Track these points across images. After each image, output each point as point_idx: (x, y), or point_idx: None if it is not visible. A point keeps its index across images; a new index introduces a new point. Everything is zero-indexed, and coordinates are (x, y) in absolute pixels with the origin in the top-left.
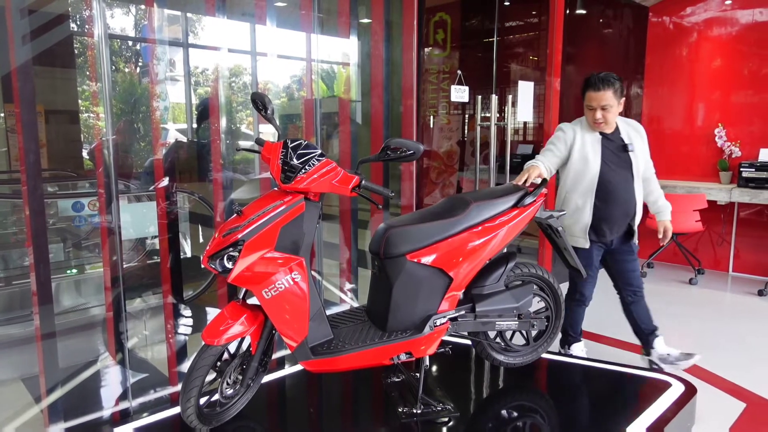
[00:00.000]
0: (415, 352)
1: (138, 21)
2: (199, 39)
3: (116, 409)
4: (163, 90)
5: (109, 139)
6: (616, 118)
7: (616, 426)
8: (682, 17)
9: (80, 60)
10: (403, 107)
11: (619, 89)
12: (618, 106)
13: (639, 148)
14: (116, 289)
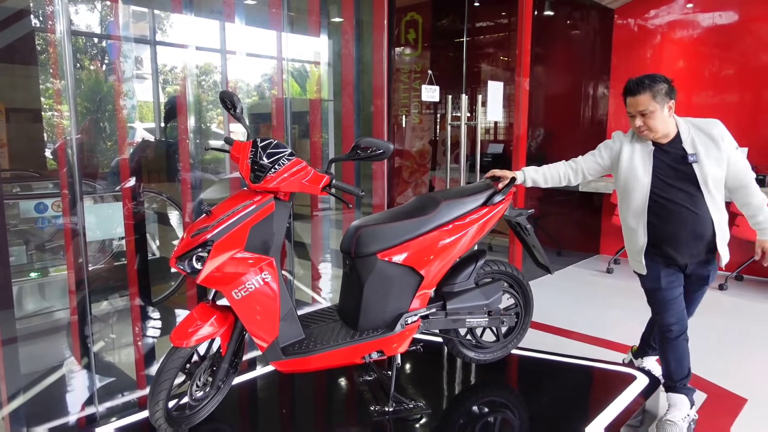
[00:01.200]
0: (387, 351)
1: (104, 18)
2: (167, 36)
3: (82, 415)
4: (129, 88)
5: (74, 138)
6: (665, 125)
7: (585, 418)
8: (646, 20)
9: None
10: (374, 107)
11: (661, 91)
12: (663, 110)
13: (711, 156)
14: (81, 292)
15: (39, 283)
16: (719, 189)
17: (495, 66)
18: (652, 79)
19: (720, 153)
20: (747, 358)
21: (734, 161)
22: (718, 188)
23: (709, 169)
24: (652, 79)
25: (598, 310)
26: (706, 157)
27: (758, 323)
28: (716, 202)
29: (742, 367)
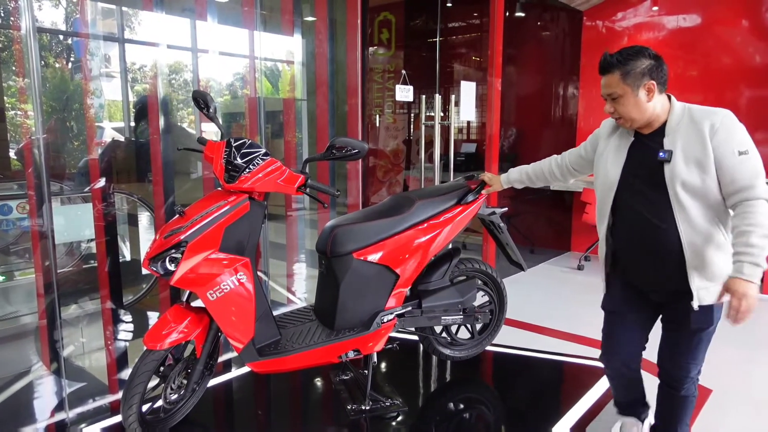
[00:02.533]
0: (363, 350)
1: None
2: (136, 34)
3: (52, 421)
4: (97, 87)
5: (40, 138)
6: (641, 112)
7: (558, 411)
8: (614, 21)
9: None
10: (348, 106)
11: (634, 70)
12: (637, 93)
13: (690, 155)
14: (50, 296)
15: (3, 287)
16: (697, 200)
17: (468, 66)
18: (626, 54)
19: (704, 152)
20: (711, 350)
21: (728, 165)
22: (694, 198)
23: (682, 171)
24: (625, 55)
25: (570, 307)
26: (682, 157)
27: (722, 319)
28: (689, 217)
29: (707, 360)
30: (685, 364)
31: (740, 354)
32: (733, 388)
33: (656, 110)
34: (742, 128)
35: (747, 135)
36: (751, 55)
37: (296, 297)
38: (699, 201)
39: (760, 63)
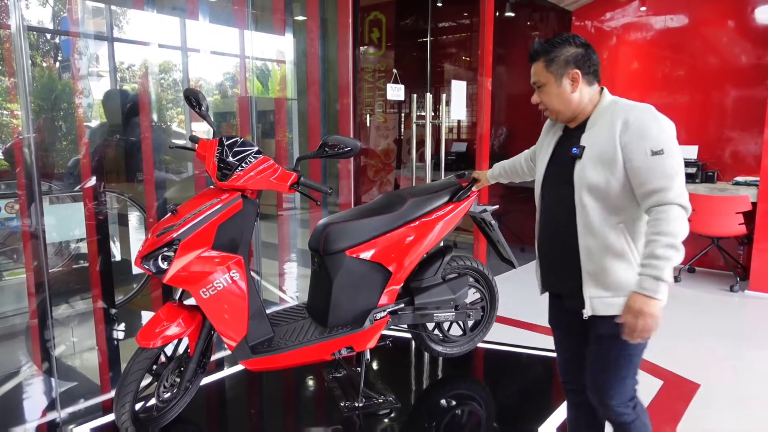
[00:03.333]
0: (356, 347)
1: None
2: (124, 33)
3: (43, 421)
4: (86, 86)
5: (31, 137)
6: (565, 103)
7: (547, 406)
8: (603, 22)
9: None
10: (339, 105)
11: (559, 58)
12: (560, 83)
13: (597, 153)
14: (41, 296)
15: None
16: (599, 201)
17: (458, 66)
18: (552, 42)
19: (612, 150)
20: (699, 345)
21: (637, 166)
22: (596, 199)
23: (588, 169)
24: (551, 42)
25: None
26: (591, 154)
27: (709, 313)
28: (588, 219)
29: (695, 355)
30: (602, 383)
31: (727, 349)
32: (721, 383)
33: (582, 102)
34: (662, 125)
35: (667, 133)
36: (737, 55)
37: (288, 295)
38: (601, 203)
39: (746, 63)
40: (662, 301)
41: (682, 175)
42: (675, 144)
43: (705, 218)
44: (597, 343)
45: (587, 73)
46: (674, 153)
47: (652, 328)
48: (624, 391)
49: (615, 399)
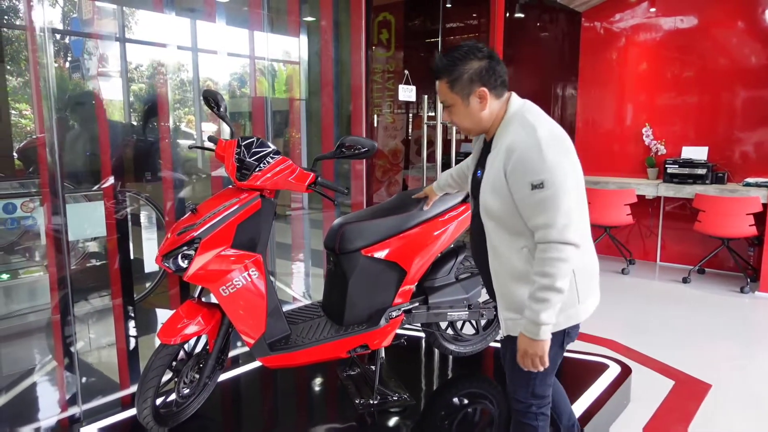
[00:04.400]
0: (371, 345)
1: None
2: (134, 34)
3: (65, 415)
4: (95, 86)
5: (54, 136)
6: (474, 121)
7: None
8: (612, 23)
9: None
10: (352, 106)
11: (462, 77)
12: (467, 103)
13: (492, 176)
14: (63, 292)
15: (6, 286)
16: (498, 224)
17: None
18: (452, 57)
19: (502, 179)
20: (710, 346)
21: (519, 198)
22: (495, 222)
23: (486, 195)
24: (451, 58)
25: None
26: (487, 179)
27: (719, 314)
28: (494, 244)
29: (706, 355)
30: (509, 381)
31: (737, 350)
32: (732, 383)
33: (492, 116)
34: (544, 154)
35: (549, 162)
36: (747, 56)
37: (299, 294)
38: (502, 227)
39: (756, 64)
40: (545, 340)
41: (566, 209)
42: (560, 173)
43: (715, 219)
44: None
45: (494, 87)
46: (556, 184)
47: (538, 365)
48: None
49: (518, 399)
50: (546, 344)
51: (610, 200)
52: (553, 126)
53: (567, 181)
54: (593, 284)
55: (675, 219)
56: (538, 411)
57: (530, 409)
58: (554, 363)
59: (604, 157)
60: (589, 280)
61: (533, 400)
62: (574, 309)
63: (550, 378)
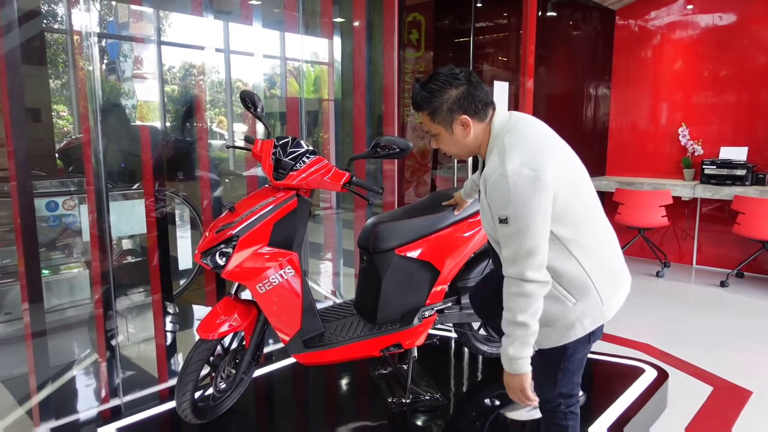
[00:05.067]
0: (404, 344)
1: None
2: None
3: (106, 407)
4: (130, 88)
5: (99, 137)
6: (461, 147)
7: (594, 410)
8: (647, 21)
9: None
10: (384, 106)
11: (441, 108)
12: (451, 131)
13: (484, 203)
14: (105, 286)
15: (47, 281)
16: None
17: (498, 66)
18: (430, 89)
19: (486, 202)
20: (750, 352)
21: (492, 228)
22: (497, 244)
23: (481, 216)
24: (429, 90)
25: None
26: (481, 200)
27: (759, 318)
28: (498, 260)
29: (746, 361)
30: (535, 381)
31: None
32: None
33: (479, 140)
34: (508, 187)
35: (513, 196)
36: None
37: (331, 293)
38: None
39: None
40: (523, 374)
41: (528, 247)
42: (523, 210)
43: (755, 222)
44: None
45: (476, 113)
46: (519, 221)
47: (523, 399)
48: (557, 395)
49: (544, 394)
50: (525, 378)
51: (645, 201)
52: (528, 155)
53: (531, 218)
54: (616, 282)
55: (712, 221)
56: (567, 410)
57: (558, 408)
58: (581, 362)
59: (638, 158)
60: (609, 283)
61: (561, 399)
62: (599, 311)
63: (577, 377)
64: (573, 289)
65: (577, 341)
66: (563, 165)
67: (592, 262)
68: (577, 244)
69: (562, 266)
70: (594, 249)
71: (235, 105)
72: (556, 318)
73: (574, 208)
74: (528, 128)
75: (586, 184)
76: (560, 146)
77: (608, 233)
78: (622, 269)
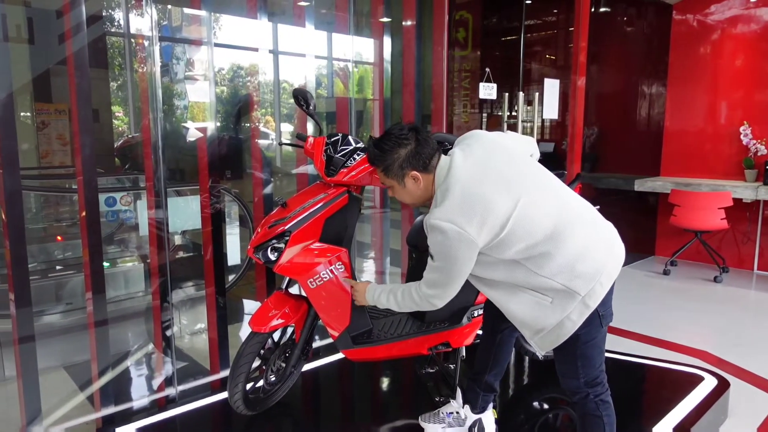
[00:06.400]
0: (453, 343)
1: (158, 21)
2: (217, 38)
3: (161, 395)
4: (182, 89)
5: (159, 137)
6: (415, 197)
7: (650, 418)
8: (706, 15)
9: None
10: (433, 105)
11: (394, 164)
12: (404, 184)
13: None
14: (162, 279)
15: (105, 274)
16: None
17: (548, 64)
18: (380, 148)
19: None
20: None
21: None
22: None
23: None
24: (381, 150)
25: (656, 311)
26: None
27: None
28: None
29: None
30: (559, 374)
31: None
32: None
33: (429, 189)
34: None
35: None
36: None
37: None
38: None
39: None
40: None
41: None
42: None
43: None
44: None
45: (424, 167)
46: (439, 260)
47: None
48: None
49: (573, 389)
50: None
51: (703, 203)
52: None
53: (450, 266)
54: (591, 274)
55: None
56: (597, 399)
57: (588, 399)
58: (598, 347)
59: (695, 158)
60: (582, 279)
61: (588, 389)
62: (581, 303)
63: (599, 363)
64: (542, 290)
65: (587, 327)
66: (498, 197)
67: (554, 270)
68: (534, 259)
69: (519, 277)
70: (559, 258)
71: (281, 105)
72: (544, 322)
73: (524, 230)
74: (457, 173)
75: (543, 192)
76: (496, 175)
77: (583, 231)
78: (603, 256)
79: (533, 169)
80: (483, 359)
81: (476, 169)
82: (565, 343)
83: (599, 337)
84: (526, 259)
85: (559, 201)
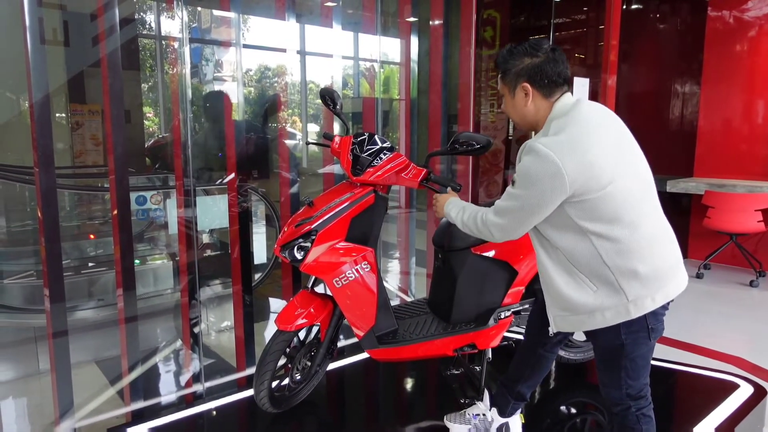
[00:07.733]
0: (479, 344)
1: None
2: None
3: (189, 391)
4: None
5: (188, 137)
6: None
7: (684, 426)
8: (743, 11)
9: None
10: (460, 105)
11: (511, 70)
12: (514, 95)
13: None
14: (190, 276)
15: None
16: (540, 227)
17: (577, 63)
18: (510, 52)
19: None
20: None
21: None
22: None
23: None
24: (509, 53)
25: (689, 316)
26: None
27: None
28: (536, 243)
29: None
30: (601, 383)
31: None
32: None
33: (537, 116)
34: (527, 161)
35: (524, 170)
36: None
37: (402, 292)
38: (535, 233)
39: None
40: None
41: (512, 211)
42: (531, 183)
43: None
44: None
45: (541, 86)
46: (521, 187)
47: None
48: (625, 396)
49: (613, 400)
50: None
51: (738, 205)
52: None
53: (526, 198)
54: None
55: None
56: (638, 412)
57: (629, 411)
58: (645, 359)
59: (730, 159)
60: (641, 284)
61: (630, 401)
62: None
63: (644, 377)
64: (592, 277)
65: (634, 339)
66: (604, 161)
67: (618, 261)
68: (605, 239)
69: (581, 253)
70: (626, 250)
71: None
72: (576, 304)
73: (609, 206)
74: (581, 117)
75: (637, 184)
76: (611, 143)
77: (656, 236)
78: (667, 272)
79: (645, 168)
80: (519, 369)
81: (601, 128)
82: (611, 353)
83: (647, 349)
84: (598, 236)
85: (655, 204)
